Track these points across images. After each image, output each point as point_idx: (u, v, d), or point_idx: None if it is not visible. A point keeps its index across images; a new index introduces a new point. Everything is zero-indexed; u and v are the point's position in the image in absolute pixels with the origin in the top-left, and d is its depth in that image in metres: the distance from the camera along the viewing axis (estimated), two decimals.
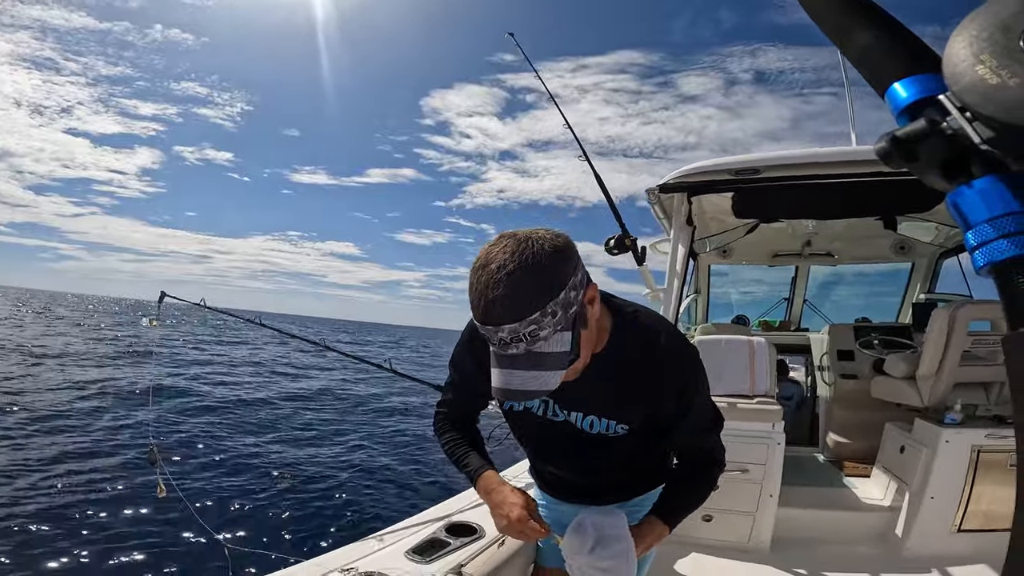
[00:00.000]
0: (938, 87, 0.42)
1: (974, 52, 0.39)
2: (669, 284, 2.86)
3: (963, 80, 0.39)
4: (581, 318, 0.93)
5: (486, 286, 0.85)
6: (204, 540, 4.36)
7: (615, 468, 1.27)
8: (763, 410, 2.54)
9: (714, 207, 3.31)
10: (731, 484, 2.52)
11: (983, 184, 0.39)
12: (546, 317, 0.85)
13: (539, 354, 0.88)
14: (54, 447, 6.47)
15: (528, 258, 0.85)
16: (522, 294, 0.84)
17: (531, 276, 0.85)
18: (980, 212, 0.39)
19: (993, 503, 2.52)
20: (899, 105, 0.45)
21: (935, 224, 3.67)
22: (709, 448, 1.23)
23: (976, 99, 0.38)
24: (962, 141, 0.40)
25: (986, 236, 0.39)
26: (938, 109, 0.41)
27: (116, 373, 11.39)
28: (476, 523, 1.72)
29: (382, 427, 9.91)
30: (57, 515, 4.75)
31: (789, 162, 2.58)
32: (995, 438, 2.51)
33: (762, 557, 2.50)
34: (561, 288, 0.87)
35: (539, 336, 0.86)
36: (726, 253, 4.54)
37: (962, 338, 2.69)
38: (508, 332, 0.86)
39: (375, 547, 1.59)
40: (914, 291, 4.53)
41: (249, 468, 6.65)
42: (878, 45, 0.47)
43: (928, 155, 0.41)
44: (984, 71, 0.38)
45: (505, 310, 0.84)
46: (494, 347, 0.91)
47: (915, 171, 0.42)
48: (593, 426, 1.17)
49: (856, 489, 3.03)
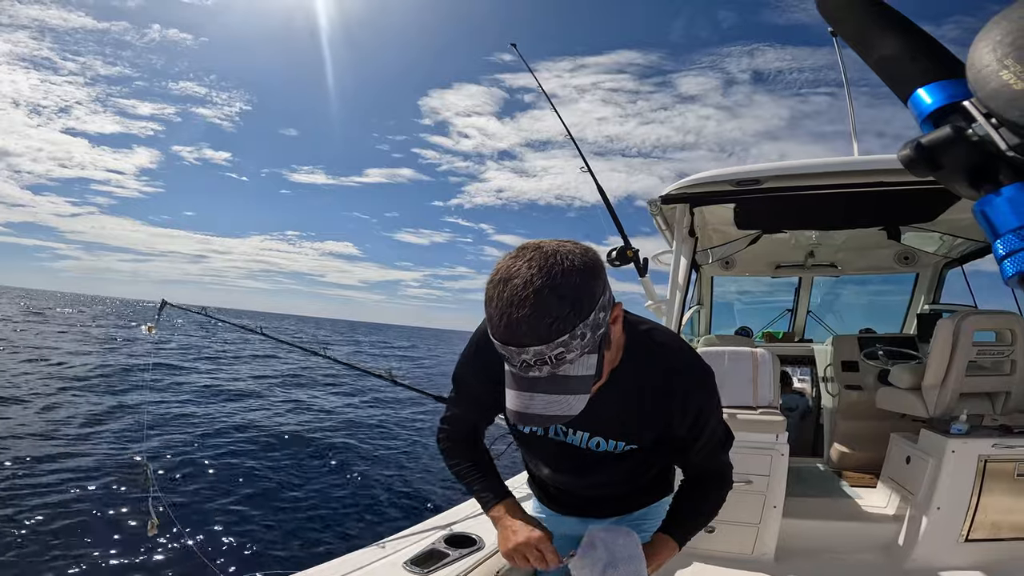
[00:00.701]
0: (963, 93, 0.41)
1: (998, 57, 0.38)
2: (672, 296, 2.85)
3: (988, 86, 0.39)
4: (606, 339, 0.88)
5: (509, 303, 0.78)
6: (193, 559, 4.31)
7: (618, 483, 1.25)
8: (766, 421, 2.52)
9: (716, 218, 3.31)
10: (735, 495, 2.47)
11: (1011, 192, 0.38)
12: (575, 340, 0.79)
13: (564, 378, 0.82)
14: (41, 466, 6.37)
15: (557, 275, 0.78)
16: (550, 314, 0.77)
17: (560, 295, 0.78)
18: (1009, 221, 0.38)
19: (1001, 513, 2.49)
20: (923, 112, 0.44)
21: (939, 234, 3.66)
22: (719, 467, 1.22)
23: (1001, 105, 0.38)
24: (988, 148, 0.39)
25: (1015, 245, 0.38)
26: (963, 115, 0.41)
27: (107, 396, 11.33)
28: (476, 534, 1.70)
29: (379, 436, 9.85)
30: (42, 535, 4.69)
31: (791, 172, 2.58)
32: (1002, 448, 2.49)
33: (766, 568, 2.48)
34: (591, 309, 0.81)
35: (565, 359, 0.80)
36: (729, 264, 4.53)
37: (967, 348, 2.68)
38: (533, 354, 0.79)
39: (373, 557, 1.58)
40: (918, 301, 4.51)
41: (242, 474, 6.60)
42: (901, 52, 0.47)
43: (953, 162, 0.40)
44: (1009, 76, 0.38)
45: (531, 331, 0.77)
46: (514, 368, 0.84)
47: (940, 179, 0.41)
48: (600, 446, 1.13)
49: (861, 499, 3.00)
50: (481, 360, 1.10)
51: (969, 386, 2.73)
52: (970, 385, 2.74)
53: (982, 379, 2.78)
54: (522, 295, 0.77)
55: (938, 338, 2.73)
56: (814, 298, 5.10)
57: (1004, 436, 2.54)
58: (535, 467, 1.34)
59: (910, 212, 3.06)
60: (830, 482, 3.41)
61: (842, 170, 2.53)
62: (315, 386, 14.90)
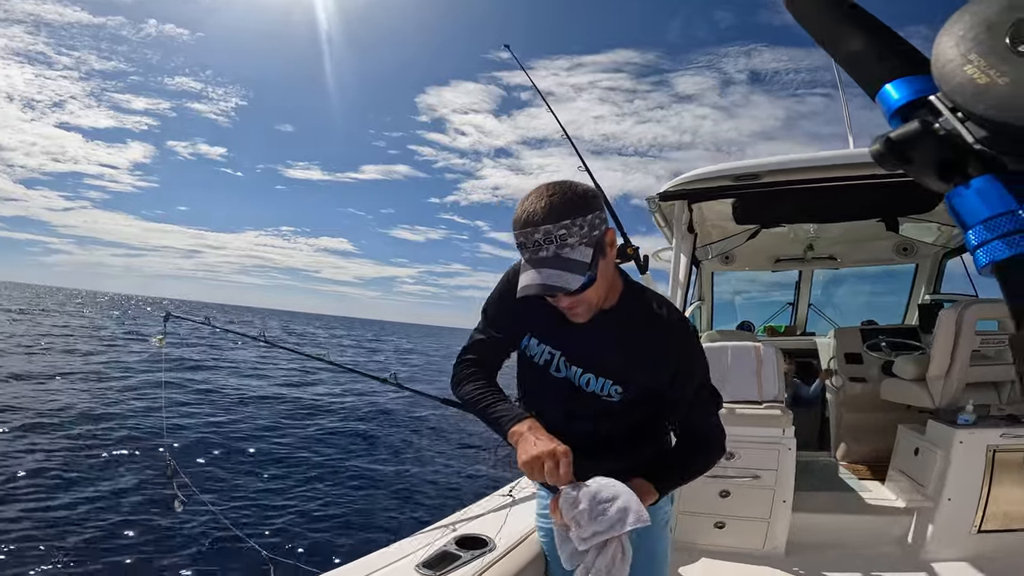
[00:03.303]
0: (929, 88, 0.42)
1: (962, 52, 0.39)
2: (672, 292, 2.86)
3: (952, 80, 0.40)
4: (601, 247, 1.09)
5: (530, 203, 1.05)
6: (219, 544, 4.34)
7: (608, 440, 1.27)
8: (772, 416, 2.52)
9: (715, 214, 3.32)
10: (743, 491, 2.50)
11: (980, 184, 0.39)
12: (575, 227, 1.04)
13: (565, 259, 1.04)
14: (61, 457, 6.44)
15: (567, 188, 1.07)
16: (558, 205, 1.04)
17: (567, 196, 1.06)
18: (979, 212, 0.39)
19: (1011, 503, 2.48)
20: (891, 107, 0.45)
21: (937, 224, 3.66)
22: (707, 428, 1.26)
23: (966, 99, 0.39)
24: (956, 141, 0.40)
25: (985, 236, 0.39)
26: (930, 110, 0.42)
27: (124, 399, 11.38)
28: (487, 536, 1.70)
29: (389, 436, 9.86)
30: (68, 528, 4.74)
31: (788, 167, 2.59)
32: (1010, 437, 2.48)
33: (777, 562, 2.47)
34: (590, 212, 1.06)
35: (567, 242, 1.03)
36: (728, 260, 4.54)
37: (971, 338, 2.67)
38: (543, 232, 1.03)
39: (386, 561, 1.58)
40: (919, 292, 4.50)
41: (249, 481, 6.62)
42: (867, 49, 0.48)
43: (922, 156, 0.41)
44: (972, 71, 0.39)
45: (544, 213, 1.03)
46: (527, 253, 1.07)
47: (910, 172, 0.43)
48: (589, 384, 1.23)
49: (870, 492, 3.00)
50: (506, 297, 1.28)
51: (974, 376, 2.73)
52: (975, 375, 2.73)
53: (987, 368, 2.78)
54: (538, 195, 1.07)
55: (941, 328, 2.73)
56: (814, 291, 5.10)
57: (1012, 426, 2.53)
58: (536, 417, 1.35)
59: (908, 203, 3.06)
60: (838, 475, 3.40)
61: (839, 163, 2.54)
62: (317, 386, 14.92)
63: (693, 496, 2.54)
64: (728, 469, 2.48)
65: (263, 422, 9.95)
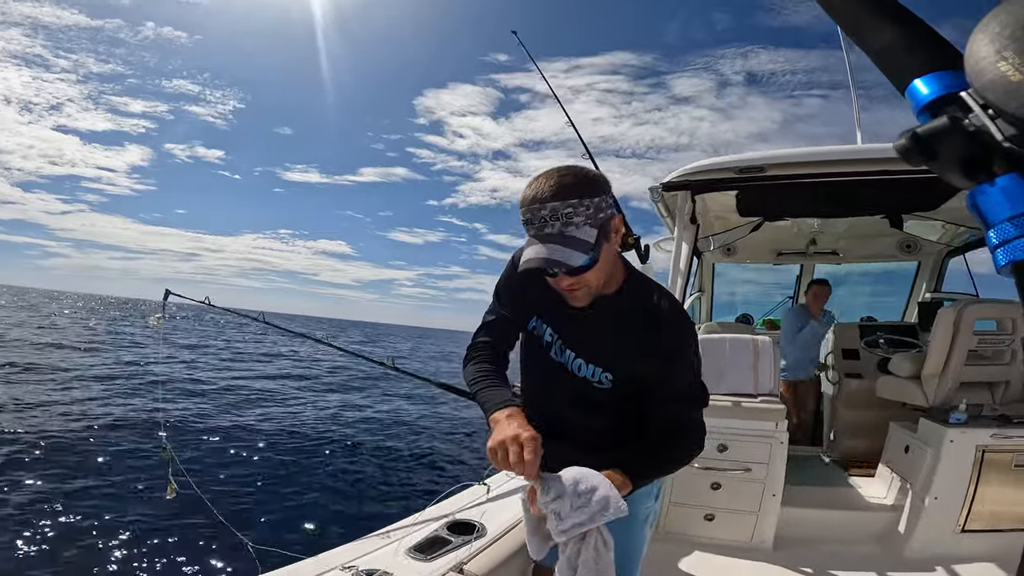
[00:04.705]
0: (960, 84, 0.42)
1: (996, 49, 0.39)
2: (673, 283, 2.84)
3: (985, 77, 0.39)
4: (606, 231, 1.10)
5: (539, 182, 1.08)
6: (212, 536, 4.37)
7: (598, 431, 1.27)
8: (766, 409, 2.52)
9: (718, 205, 3.29)
10: (734, 483, 2.51)
11: (1005, 182, 0.39)
12: (581, 207, 1.05)
13: (570, 237, 1.05)
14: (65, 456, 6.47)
15: (577, 170, 1.10)
16: (567, 185, 1.06)
17: (576, 177, 1.08)
18: (1002, 210, 0.39)
19: (998, 503, 2.50)
20: (920, 102, 0.44)
21: (941, 223, 3.64)
22: (688, 423, 1.22)
23: (998, 96, 0.38)
24: (984, 138, 0.39)
25: (1008, 234, 0.38)
26: (960, 106, 0.41)
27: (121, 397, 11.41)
28: (477, 521, 1.71)
29: (381, 425, 9.93)
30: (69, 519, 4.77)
31: (794, 160, 2.56)
32: (1000, 438, 2.49)
33: (765, 556, 2.50)
34: (596, 194, 1.08)
35: (572, 221, 1.05)
36: (730, 252, 4.52)
37: (968, 337, 2.67)
38: (550, 209, 1.05)
39: (376, 545, 1.59)
40: (920, 290, 4.50)
41: (244, 467, 6.67)
42: (898, 42, 0.47)
43: (949, 152, 0.41)
44: (1006, 68, 0.38)
45: (552, 192, 1.05)
46: (532, 229, 1.08)
47: (935, 169, 0.42)
48: (581, 369, 1.24)
49: (860, 488, 3.02)
50: (515, 279, 1.30)
51: (969, 375, 2.73)
52: (970, 374, 2.74)
53: (982, 368, 2.78)
54: (548, 175, 1.09)
55: (939, 327, 2.73)
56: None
57: (1003, 426, 2.54)
58: (531, 401, 1.36)
59: (913, 200, 3.03)
60: (829, 471, 3.43)
61: (845, 158, 2.51)
62: (318, 380, 14.99)
63: (684, 488, 2.55)
64: (720, 461, 2.50)
65: (260, 412, 10.00)
